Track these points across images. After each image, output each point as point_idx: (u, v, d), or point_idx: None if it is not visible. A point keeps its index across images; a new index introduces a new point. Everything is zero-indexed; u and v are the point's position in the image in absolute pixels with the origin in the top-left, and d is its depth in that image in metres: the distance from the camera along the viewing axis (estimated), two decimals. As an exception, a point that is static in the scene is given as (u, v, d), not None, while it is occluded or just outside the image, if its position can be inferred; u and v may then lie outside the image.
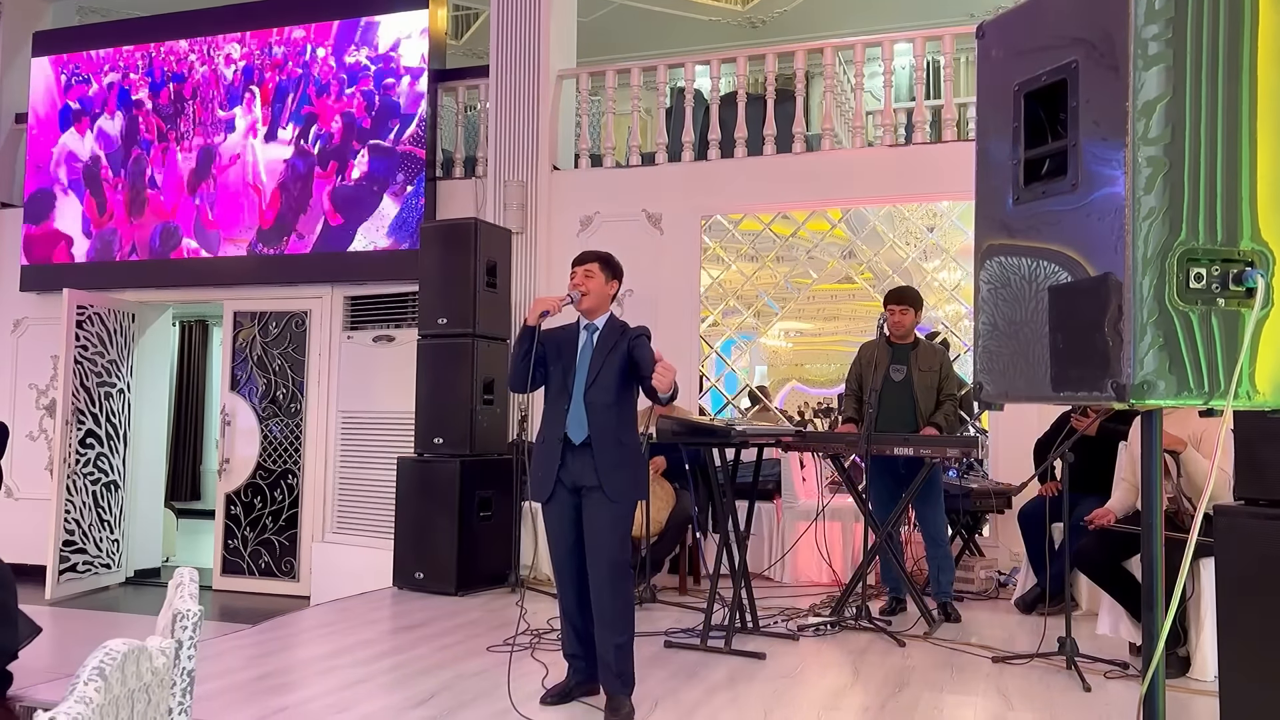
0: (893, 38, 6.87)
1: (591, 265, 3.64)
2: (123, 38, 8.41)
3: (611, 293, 3.68)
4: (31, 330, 8.53)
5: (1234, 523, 2.77)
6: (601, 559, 3.42)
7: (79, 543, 7.57)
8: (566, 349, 3.59)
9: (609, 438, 3.47)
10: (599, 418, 3.47)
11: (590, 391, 3.49)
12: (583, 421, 3.47)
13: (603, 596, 3.42)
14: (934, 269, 7.88)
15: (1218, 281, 1.42)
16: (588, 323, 3.62)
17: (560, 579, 3.58)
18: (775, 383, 10.89)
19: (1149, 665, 1.53)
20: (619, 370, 3.51)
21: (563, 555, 3.53)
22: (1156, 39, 1.42)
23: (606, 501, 3.43)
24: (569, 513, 3.51)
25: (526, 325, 3.47)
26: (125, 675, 1.30)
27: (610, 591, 3.41)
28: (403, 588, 5.84)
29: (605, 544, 3.43)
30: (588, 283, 3.60)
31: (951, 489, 5.63)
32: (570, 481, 3.49)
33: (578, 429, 3.48)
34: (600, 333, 3.59)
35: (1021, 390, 1.65)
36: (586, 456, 3.46)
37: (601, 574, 3.42)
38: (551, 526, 3.55)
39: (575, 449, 3.48)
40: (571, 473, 3.49)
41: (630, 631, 3.47)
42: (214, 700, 3.54)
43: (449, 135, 7.77)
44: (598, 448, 3.45)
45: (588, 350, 3.56)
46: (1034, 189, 1.62)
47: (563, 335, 3.63)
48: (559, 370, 3.56)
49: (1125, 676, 3.92)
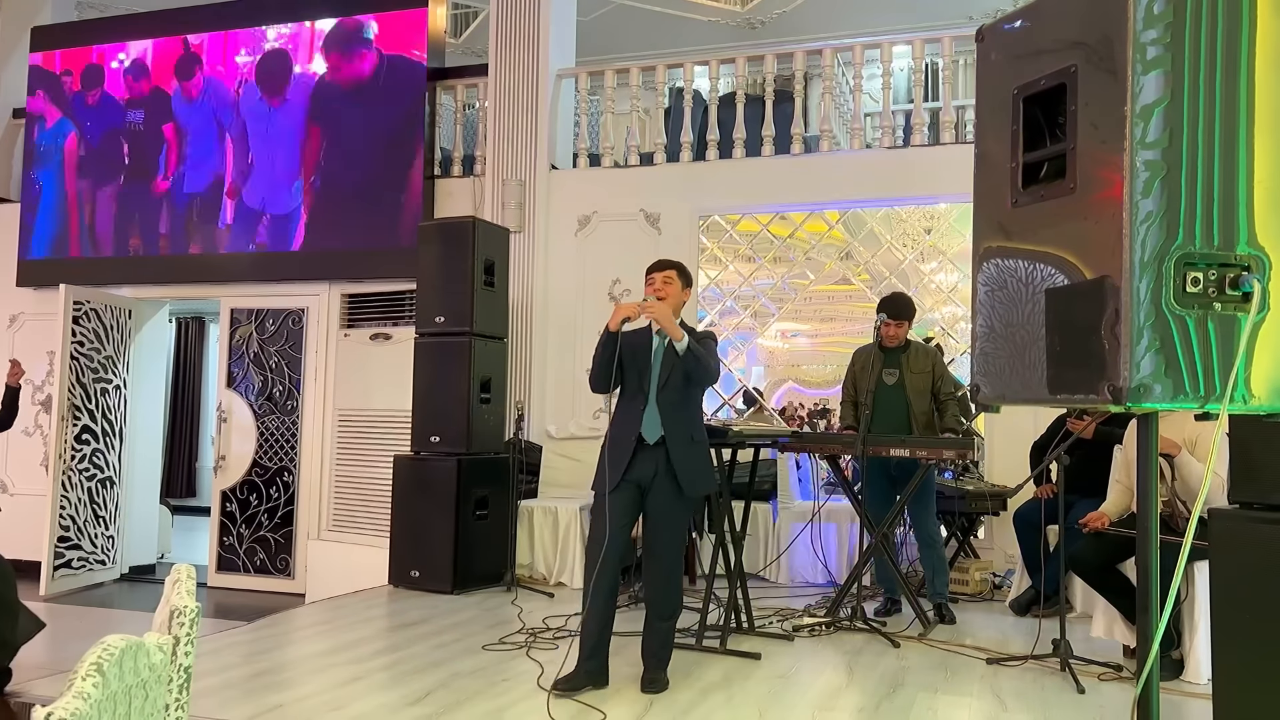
0: (891, 40, 6.88)
1: (670, 273, 3.88)
2: (121, 33, 8.40)
3: (685, 300, 3.92)
4: (28, 325, 8.52)
5: (1229, 526, 2.78)
6: (665, 552, 3.71)
7: (74, 539, 7.56)
8: (641, 353, 3.80)
9: (682, 436, 3.72)
10: (672, 417, 3.71)
11: (663, 393, 3.73)
12: (657, 422, 3.70)
13: (658, 581, 3.72)
14: (931, 271, 7.89)
15: (1214, 286, 1.42)
16: (659, 328, 3.79)
17: (603, 563, 3.59)
18: (772, 383, 10.89)
19: (1144, 668, 1.54)
20: (686, 372, 3.74)
21: (613, 539, 3.62)
22: (1155, 44, 1.42)
23: (679, 495, 3.69)
24: (630, 504, 3.70)
25: (609, 331, 3.69)
26: (123, 671, 1.30)
27: (665, 576, 3.72)
28: (398, 586, 5.84)
29: (670, 535, 3.72)
30: (666, 289, 3.83)
31: (947, 490, 5.64)
32: (637, 478, 3.69)
33: (652, 429, 3.71)
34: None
35: (1018, 393, 1.66)
36: (660, 454, 3.69)
37: (662, 562, 3.71)
38: (611, 512, 3.63)
39: (649, 448, 3.70)
40: (642, 469, 3.69)
41: (677, 619, 3.79)
42: (210, 697, 3.54)
43: (447, 133, 7.77)
44: (672, 445, 3.69)
45: (660, 354, 3.77)
46: (1032, 192, 1.62)
47: (637, 339, 3.83)
48: (634, 373, 3.78)
49: (1119, 679, 3.93)
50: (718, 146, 7.03)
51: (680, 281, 3.87)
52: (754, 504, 5.50)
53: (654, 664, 3.74)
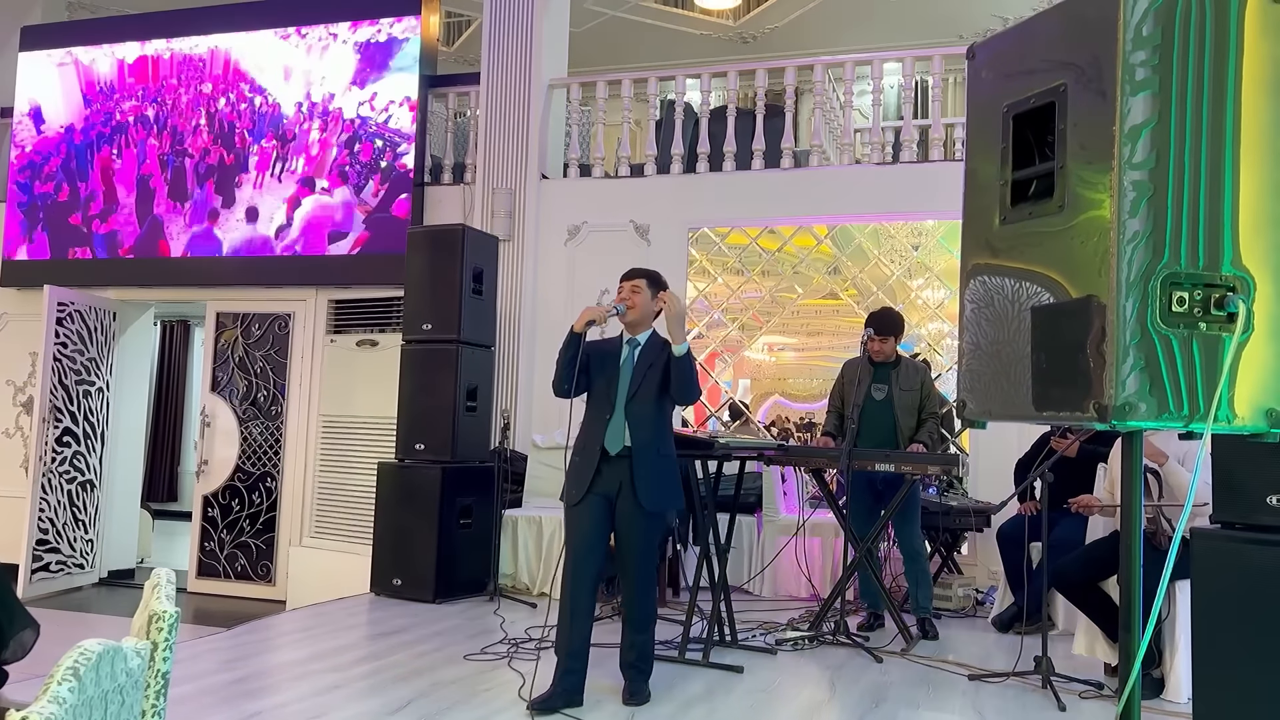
0: (882, 56, 6.93)
1: (638, 281, 3.80)
2: (111, 34, 8.37)
3: (656, 310, 3.80)
4: (11, 326, 8.46)
5: (1210, 545, 2.80)
6: (634, 565, 3.63)
7: (53, 542, 7.49)
8: (610, 362, 3.74)
9: (649, 448, 3.63)
10: (640, 429, 3.63)
11: (631, 404, 3.66)
12: (622, 433, 3.63)
13: (632, 597, 3.67)
14: (918, 287, 7.92)
15: (1199, 306, 1.43)
16: (630, 337, 3.76)
17: (570, 586, 3.58)
18: (758, 396, 10.91)
19: (1125, 685, 1.54)
20: (658, 384, 3.68)
21: (582, 557, 3.59)
22: (1144, 65, 1.44)
23: (643, 511, 3.60)
24: (600, 518, 3.63)
25: (573, 332, 3.63)
26: (100, 676, 1.28)
27: (639, 592, 3.66)
28: (380, 594, 5.80)
29: (639, 551, 3.63)
30: (634, 297, 3.76)
31: (931, 506, 5.65)
32: (604, 490, 3.63)
33: (615, 440, 3.63)
34: (642, 348, 3.75)
35: (1004, 409, 1.66)
36: (624, 467, 3.61)
37: (632, 579, 3.65)
38: (579, 527, 3.62)
39: (611, 460, 3.63)
40: (607, 482, 3.63)
41: (653, 629, 3.75)
42: (188, 703, 3.51)
43: (438, 141, 7.77)
44: (637, 458, 3.61)
45: (629, 364, 3.72)
46: (1021, 209, 1.63)
47: (607, 348, 3.78)
48: (602, 382, 3.72)
49: (1100, 697, 3.94)
50: (708, 159, 7.05)
51: (649, 291, 3.78)
52: (739, 516, 5.49)
53: (634, 675, 3.70)
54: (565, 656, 3.57)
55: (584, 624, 3.60)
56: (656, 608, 3.80)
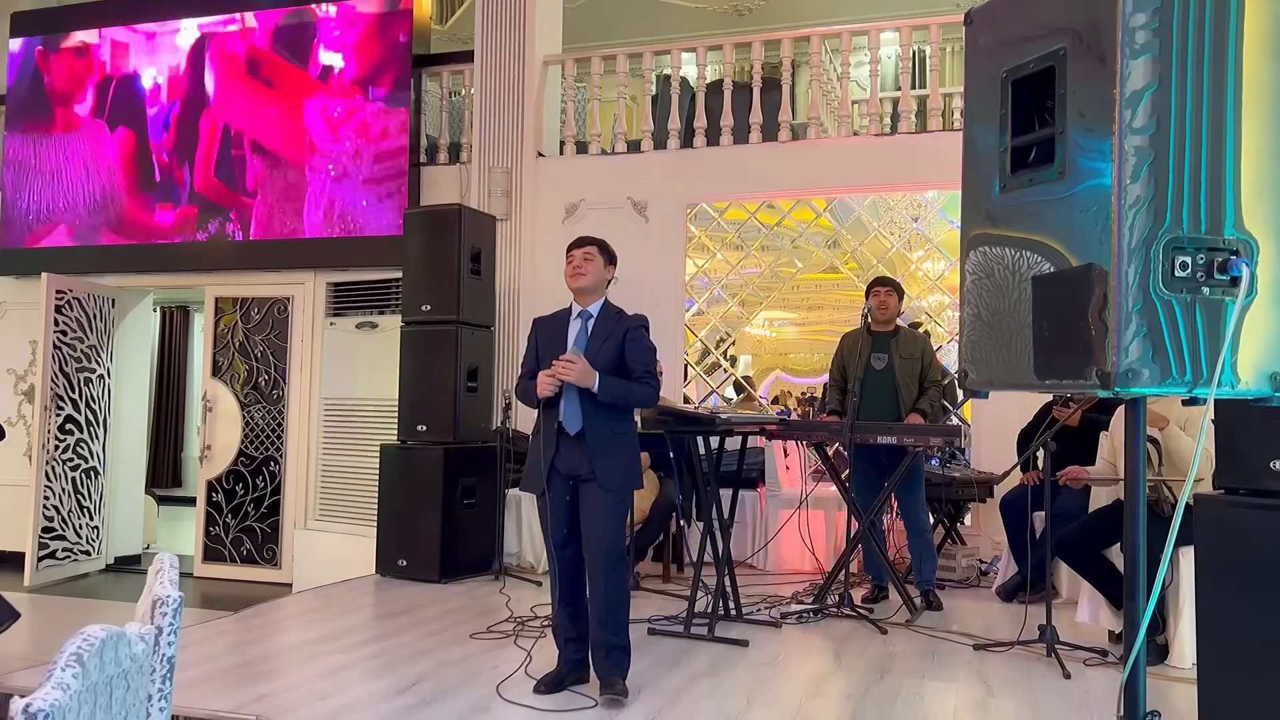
0: (879, 27, 6.87)
1: (590, 249, 3.63)
2: (103, 19, 8.30)
3: (608, 278, 3.67)
4: (10, 315, 8.44)
5: (1214, 511, 2.79)
6: (598, 548, 3.42)
7: (58, 529, 7.51)
8: (559, 337, 3.58)
9: (603, 428, 3.45)
10: (593, 408, 3.44)
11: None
12: (578, 413, 3.45)
13: (598, 584, 3.43)
14: (919, 259, 7.90)
15: (1202, 270, 1.42)
16: (581, 309, 3.60)
17: (554, 567, 3.55)
18: (759, 372, 10.90)
19: (1130, 653, 1.54)
20: (614, 359, 3.50)
21: (558, 544, 3.51)
22: (1144, 29, 1.42)
23: (602, 491, 3.42)
24: (564, 503, 3.49)
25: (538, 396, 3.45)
26: (104, 661, 1.28)
27: (605, 579, 3.41)
28: (385, 575, 5.82)
29: (602, 533, 3.42)
30: (586, 265, 3.58)
31: (934, 478, 5.66)
32: (565, 471, 3.48)
33: (573, 419, 3.46)
34: (595, 320, 3.59)
35: (1006, 379, 1.65)
36: (582, 446, 3.44)
37: (598, 563, 3.42)
38: (546, 516, 3.51)
39: (570, 439, 3.47)
40: (568, 462, 3.47)
41: (625, 617, 3.48)
42: (194, 687, 3.52)
43: (433, 121, 7.72)
44: (592, 437, 3.43)
45: (582, 339, 3.55)
46: (1020, 177, 1.61)
47: (554, 323, 3.65)
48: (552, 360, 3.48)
49: (1104, 664, 3.95)
50: (705, 134, 7.01)
51: (602, 258, 3.62)
52: (741, 491, 5.50)
53: (607, 669, 3.41)
54: (561, 642, 3.57)
55: (572, 608, 3.53)
56: (628, 593, 3.53)
